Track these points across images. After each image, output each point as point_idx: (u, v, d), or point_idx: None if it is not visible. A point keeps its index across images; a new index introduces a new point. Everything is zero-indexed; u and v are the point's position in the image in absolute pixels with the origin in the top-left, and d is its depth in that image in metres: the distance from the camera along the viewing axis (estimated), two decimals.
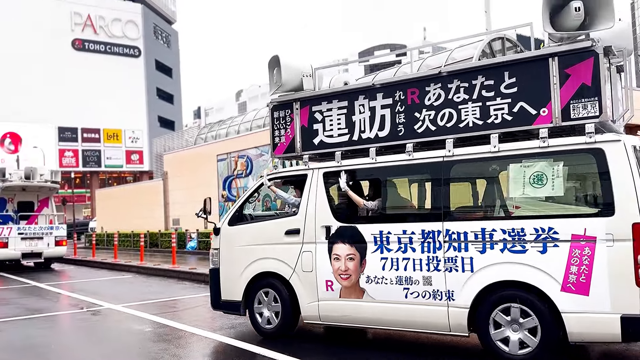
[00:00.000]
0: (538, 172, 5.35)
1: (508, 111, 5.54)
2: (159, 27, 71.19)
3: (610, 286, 4.91)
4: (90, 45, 61.88)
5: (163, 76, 70.80)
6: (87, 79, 59.19)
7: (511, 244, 5.33)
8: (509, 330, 5.31)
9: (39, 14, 57.33)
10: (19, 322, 8.96)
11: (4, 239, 18.19)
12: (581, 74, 5.19)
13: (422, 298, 5.76)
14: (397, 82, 6.41)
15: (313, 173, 6.71)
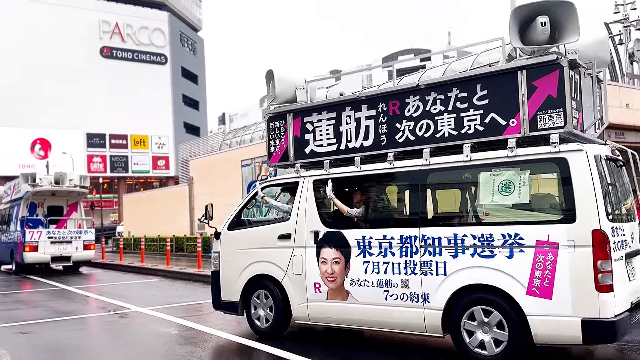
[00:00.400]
0: (506, 181, 5.56)
1: (480, 122, 5.79)
2: (185, 35, 72.15)
3: (571, 290, 5.08)
4: (118, 52, 62.98)
5: (189, 83, 71.67)
6: (115, 86, 60.23)
7: (481, 249, 5.56)
8: (479, 331, 5.51)
9: (69, 22, 58.59)
10: (49, 324, 9.14)
11: (34, 243, 18.57)
12: (547, 86, 5.39)
13: (401, 300, 6.04)
14: (379, 94, 6.66)
15: (304, 181, 7.08)
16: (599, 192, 5.11)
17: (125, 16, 63.33)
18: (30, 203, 19.64)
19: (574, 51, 5.63)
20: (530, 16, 5.48)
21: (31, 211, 19.65)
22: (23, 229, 18.75)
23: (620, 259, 5.29)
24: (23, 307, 11.67)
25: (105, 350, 7.22)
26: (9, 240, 20.34)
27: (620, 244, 5.33)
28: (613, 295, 5.01)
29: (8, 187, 22.70)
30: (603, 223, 5.05)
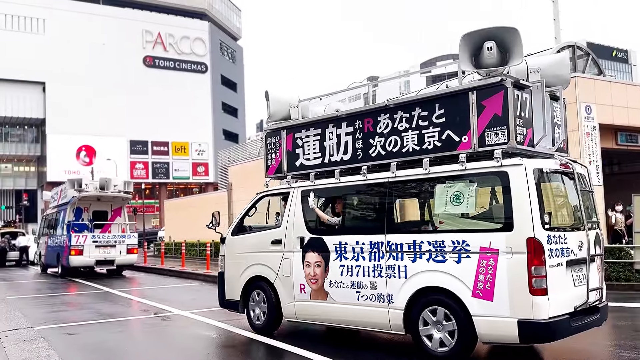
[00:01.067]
0: (457, 192, 6.13)
1: (438, 138, 6.35)
2: (225, 44, 73.39)
3: (509, 293, 5.54)
4: (160, 62, 64.53)
5: (228, 90, 72.81)
6: (156, 94, 61.69)
7: (435, 254, 6.12)
8: (434, 329, 6.05)
9: (113, 33, 60.43)
10: (94, 326, 9.40)
11: (80, 247, 19.08)
12: (494, 105, 5.88)
13: (370, 301, 6.66)
14: (356, 112, 7.32)
15: (293, 191, 7.82)
16: (535, 203, 5.56)
17: (168, 26, 64.90)
18: (76, 208, 20.18)
19: (536, 70, 6.23)
20: (480, 41, 6.01)
21: (77, 216, 20.19)
22: (69, 233, 19.29)
23: (559, 265, 5.66)
24: (69, 309, 12.03)
25: (147, 352, 7.37)
26: (55, 244, 20.96)
27: (559, 251, 5.70)
28: (547, 298, 5.42)
29: (55, 193, 23.46)
30: (537, 232, 5.49)
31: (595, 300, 6.12)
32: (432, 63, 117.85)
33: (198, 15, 68.73)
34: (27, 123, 61.17)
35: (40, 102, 58.66)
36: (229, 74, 73.01)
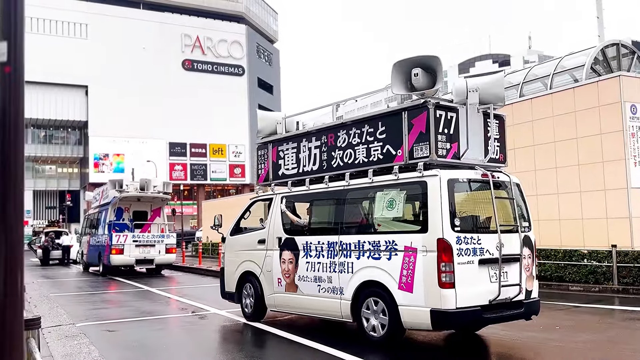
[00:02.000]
0: (391, 199, 7.14)
1: (381, 152, 7.38)
2: (262, 46, 74.08)
3: (424, 286, 6.43)
4: (198, 65, 65.60)
5: (264, 93, 73.46)
6: (195, 97, 62.73)
7: (373, 252, 7.10)
8: (372, 317, 7.01)
9: (153, 37, 61.77)
10: (133, 323, 9.58)
11: (120, 246, 19.50)
12: (420, 124, 6.84)
13: (327, 293, 7.69)
14: (323, 128, 8.46)
15: (275, 197, 8.98)
16: (446, 208, 6.43)
17: (206, 30, 65.93)
18: (117, 208, 20.64)
19: (475, 89, 7.01)
20: (409, 68, 7.11)
21: (118, 216, 20.66)
22: (110, 232, 19.74)
23: (470, 263, 6.45)
24: (110, 307, 12.31)
25: (185, 350, 7.46)
26: (97, 243, 21.48)
27: (471, 250, 6.51)
28: (454, 291, 6.26)
29: (97, 193, 24.07)
30: (447, 233, 6.35)
31: (515, 295, 6.80)
32: (471, 63, 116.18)
33: (235, 18, 69.59)
34: (70, 125, 63.10)
35: (83, 105, 60.40)
36: (265, 77, 73.66)
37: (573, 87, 15.20)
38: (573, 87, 15.15)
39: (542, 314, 9.54)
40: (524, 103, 16.61)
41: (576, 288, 12.98)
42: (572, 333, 7.82)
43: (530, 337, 7.54)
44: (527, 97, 16.65)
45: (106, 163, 59.35)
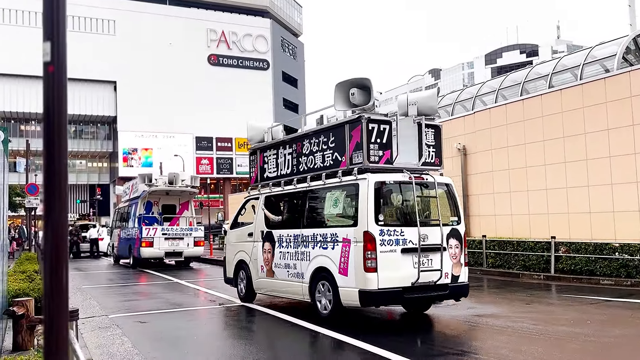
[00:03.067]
0: (336, 198, 8.76)
1: (332, 158, 8.79)
2: (286, 40, 74.11)
3: (354, 271, 7.79)
4: (224, 60, 65.96)
5: (289, 87, 73.53)
6: (220, 91, 63.15)
7: (323, 243, 8.52)
8: (323, 298, 8.45)
9: (179, 32, 62.28)
10: (163, 315, 9.76)
11: (150, 239, 19.83)
12: (356, 135, 8.18)
13: (293, 277, 9.16)
14: (294, 137, 9.95)
15: (261, 196, 10.52)
16: (371, 205, 7.76)
17: (231, 24, 66.19)
18: (147, 202, 20.98)
19: (414, 103, 8.40)
20: (348, 88, 8.54)
21: (147, 209, 20.99)
22: (140, 226, 20.08)
23: (392, 252, 7.75)
24: (140, 298, 12.55)
25: (214, 341, 7.59)
26: (127, 236, 21.88)
27: (393, 241, 7.81)
28: (377, 275, 7.59)
29: (127, 187, 24.48)
30: (371, 227, 7.70)
31: (438, 279, 8.04)
32: (498, 54, 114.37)
33: (260, 12, 69.70)
34: (99, 121, 64.17)
35: (112, 100, 61.33)
36: (289, 71, 73.71)
37: (604, 77, 14.87)
38: (604, 78, 14.82)
39: (573, 308, 9.46)
40: (553, 94, 16.32)
41: (607, 282, 12.75)
42: (604, 328, 7.70)
43: (560, 332, 7.46)
44: (556, 88, 16.36)
45: (135, 157, 60.26)
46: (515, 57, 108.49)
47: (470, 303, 10.40)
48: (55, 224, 1.75)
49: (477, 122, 18.98)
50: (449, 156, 19.93)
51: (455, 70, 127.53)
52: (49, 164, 1.75)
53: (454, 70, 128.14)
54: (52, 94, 1.75)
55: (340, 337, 7.28)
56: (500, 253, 16.17)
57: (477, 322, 8.41)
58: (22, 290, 8.07)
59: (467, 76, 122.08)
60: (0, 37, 55.14)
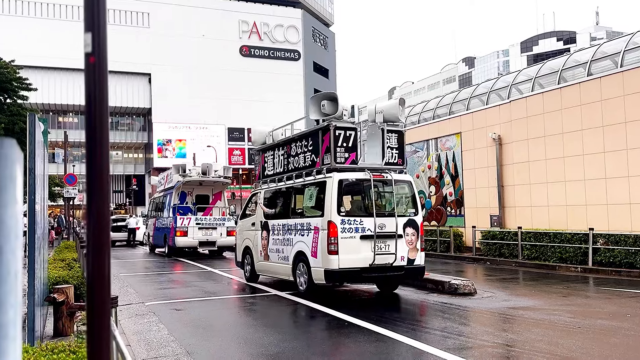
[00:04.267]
0: (311, 193, 10.37)
1: (310, 159, 10.40)
2: (317, 30, 73.87)
3: (321, 253, 9.41)
4: (255, 51, 66.20)
5: (320, 77, 73.35)
6: (252, 82, 63.45)
7: (301, 231, 10.16)
8: (301, 277, 10.07)
9: (212, 24, 62.74)
10: (198, 303, 9.92)
11: (184, 229, 20.15)
12: (327, 140, 9.76)
13: (282, 260, 10.86)
14: (286, 140, 11.62)
15: (261, 191, 12.39)
16: (335, 199, 9.37)
17: (262, 15, 66.32)
18: (181, 192, 21.30)
19: (380, 111, 10.13)
20: (320, 100, 10.23)
21: (181, 199, 21.31)
22: (175, 215, 20.41)
23: (352, 238, 9.35)
24: (176, 286, 12.77)
25: (248, 329, 7.66)
26: (162, 225, 22.26)
27: (353, 229, 9.38)
28: (337, 257, 9.21)
29: (162, 178, 24.89)
30: (334, 217, 9.31)
31: (393, 262, 9.53)
32: (534, 41, 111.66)
33: (291, 3, 69.59)
34: (135, 112, 65.32)
35: (146, 92, 62.31)
36: (321, 61, 73.51)
37: None
38: None
39: (611, 302, 9.23)
40: (593, 82, 15.86)
41: None
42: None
43: (599, 325, 7.29)
44: (595, 76, 15.89)
45: (169, 148, 61.17)
46: (552, 45, 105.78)
47: (505, 295, 10.26)
48: (97, 213, 1.77)
49: (513, 111, 18.61)
50: (483, 146, 19.62)
51: (490, 58, 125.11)
52: (92, 155, 1.77)
53: (488, 58, 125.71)
54: (94, 85, 1.77)
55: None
56: (536, 245, 15.87)
57: (512, 314, 8.30)
58: (62, 278, 8.30)
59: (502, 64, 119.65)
60: (39, 30, 56.54)
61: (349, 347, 6.52)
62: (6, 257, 1.02)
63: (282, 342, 6.68)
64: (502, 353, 6.06)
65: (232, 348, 6.51)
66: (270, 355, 6.11)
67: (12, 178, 1.06)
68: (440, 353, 5.95)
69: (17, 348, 1.01)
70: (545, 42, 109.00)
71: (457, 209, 21.00)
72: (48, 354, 3.80)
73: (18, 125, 22.17)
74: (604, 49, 16.84)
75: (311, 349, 6.47)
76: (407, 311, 8.79)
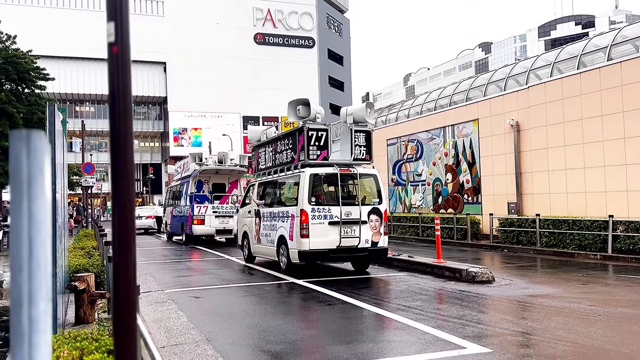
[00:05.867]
0: (290, 185, 12.27)
1: (291, 156, 12.05)
2: (332, 17, 73.36)
3: (295, 236, 11.13)
4: (269, 38, 66.01)
5: (334, 64, 72.97)
6: (266, 70, 63.38)
7: (282, 218, 11.86)
8: (282, 256, 11.84)
9: (226, 12, 62.63)
10: (216, 290, 9.99)
11: (201, 217, 20.29)
12: (302, 139, 11.41)
13: (269, 243, 12.61)
14: (272, 139, 13.52)
15: (256, 182, 14.37)
16: (307, 191, 11.02)
17: (277, 2, 66.00)
18: (198, 180, 21.42)
19: (350, 114, 11.73)
20: (297, 105, 12.05)
21: (198, 188, 21.43)
22: (192, 204, 20.54)
23: (321, 224, 11.00)
24: (194, 274, 12.88)
25: (266, 316, 7.70)
26: (179, 214, 22.43)
27: (322, 216, 11.04)
28: (308, 240, 10.91)
29: (178, 166, 25.03)
30: (305, 206, 10.95)
31: (357, 244, 11.13)
32: (552, 26, 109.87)
33: None
34: (150, 101, 65.66)
35: (162, 81, 62.56)
36: (335, 48, 73.07)
37: None
38: None
39: (632, 289, 9.12)
40: (613, 67, 15.57)
41: None
42: None
43: (620, 313, 7.22)
44: (616, 61, 15.59)
45: (185, 137, 61.48)
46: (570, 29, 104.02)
47: (524, 283, 10.20)
48: (122, 203, 1.77)
49: (531, 97, 18.36)
50: (501, 133, 19.42)
51: (507, 43, 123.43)
52: (116, 145, 1.77)
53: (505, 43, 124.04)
54: (117, 74, 1.76)
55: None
56: (554, 232, 15.72)
57: (531, 302, 8.24)
58: (82, 266, 8.40)
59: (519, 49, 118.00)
60: (56, 20, 56.87)
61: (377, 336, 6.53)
62: (37, 251, 1.02)
63: (301, 330, 6.69)
64: (522, 341, 6.02)
65: (250, 334, 6.55)
66: (289, 342, 6.14)
67: (41, 170, 1.05)
68: (458, 341, 5.94)
69: (48, 341, 1.01)
70: (564, 27, 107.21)
71: (474, 197, 20.85)
72: (71, 342, 3.85)
73: (37, 115, 22.41)
74: (624, 33, 16.50)
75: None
76: (425, 299, 8.76)
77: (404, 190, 25.52)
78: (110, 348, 3.66)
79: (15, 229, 1.03)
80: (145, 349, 3.26)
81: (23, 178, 1.02)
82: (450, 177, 22.11)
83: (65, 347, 3.65)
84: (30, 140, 1.02)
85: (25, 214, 1.00)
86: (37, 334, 0.98)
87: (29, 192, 1.02)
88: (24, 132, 1.02)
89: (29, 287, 0.98)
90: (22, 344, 0.96)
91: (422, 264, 12.05)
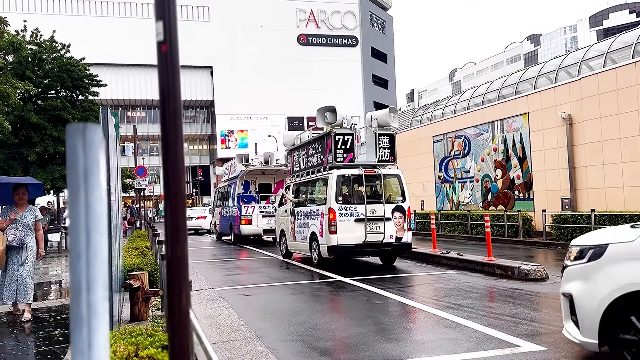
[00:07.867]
0: (320, 185, 12.97)
1: (320, 159, 13.10)
2: (375, 15, 72.99)
3: (325, 233, 12.04)
4: (313, 39, 66.29)
5: (378, 62, 72.57)
6: (310, 70, 63.68)
7: (314, 216, 12.81)
8: (315, 252, 12.80)
9: (269, 14, 63.29)
10: (265, 289, 10.10)
11: (249, 217, 20.57)
12: (330, 144, 12.49)
13: (303, 239, 13.55)
14: (304, 143, 14.49)
15: (291, 183, 15.30)
16: (334, 190, 11.96)
17: (319, 2, 66.20)
18: (245, 181, 21.72)
19: (375, 118, 12.73)
20: (324, 112, 13.17)
21: (245, 188, 21.72)
22: (239, 204, 20.86)
23: (348, 221, 11.90)
24: (243, 273, 13.06)
25: (315, 314, 7.73)
26: (227, 214, 22.81)
27: (349, 214, 11.94)
28: (336, 236, 11.82)
29: (226, 167, 25.45)
30: (333, 204, 11.89)
31: (382, 240, 11.97)
32: (604, 15, 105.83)
33: None
34: (198, 105, 67.06)
35: (209, 85, 63.80)
36: (378, 46, 72.65)
37: None
38: None
39: None
40: None
41: None
42: None
43: None
44: None
45: (231, 139, 62.49)
46: (624, 18, 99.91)
47: None
48: (174, 202, 1.81)
49: (583, 88, 17.74)
50: (552, 126, 18.85)
51: (557, 35, 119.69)
52: (166, 145, 1.81)
53: (554, 35, 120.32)
54: (167, 72, 1.80)
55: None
56: None
57: None
58: (137, 265, 8.66)
59: (569, 41, 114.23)
60: (105, 29, 58.82)
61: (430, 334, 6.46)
62: (94, 238, 1.05)
63: (349, 328, 6.69)
64: None
65: (299, 331, 6.59)
66: (338, 339, 6.14)
67: (96, 162, 1.08)
68: (511, 339, 5.80)
69: (105, 325, 1.05)
70: (617, 15, 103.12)
71: (525, 193, 20.31)
72: (127, 337, 3.96)
73: (91, 120, 23.24)
74: None
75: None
76: (475, 297, 8.60)
77: (451, 188, 25.12)
78: (165, 343, 3.76)
79: (74, 219, 1.06)
80: (198, 345, 3.32)
81: (80, 169, 1.05)
82: (500, 173, 21.61)
83: (121, 342, 3.77)
84: (86, 133, 1.05)
85: (82, 204, 1.04)
86: (95, 318, 1.01)
87: (86, 183, 1.05)
88: (80, 125, 1.06)
89: (87, 274, 1.02)
90: (81, 327, 0.99)
91: (472, 262, 11.84)
